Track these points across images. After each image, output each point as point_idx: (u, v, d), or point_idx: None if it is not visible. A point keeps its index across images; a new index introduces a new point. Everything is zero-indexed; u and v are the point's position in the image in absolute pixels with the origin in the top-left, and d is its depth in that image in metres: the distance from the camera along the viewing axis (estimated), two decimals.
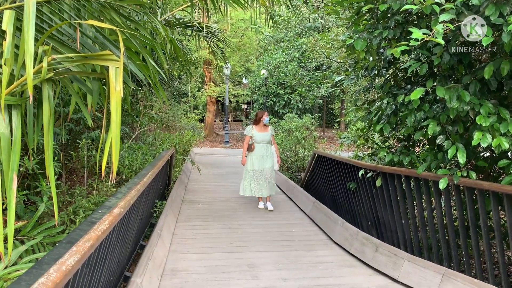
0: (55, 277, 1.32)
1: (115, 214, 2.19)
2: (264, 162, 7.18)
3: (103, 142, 2.96)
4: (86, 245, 1.64)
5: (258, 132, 7.15)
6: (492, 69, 2.91)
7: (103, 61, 2.12)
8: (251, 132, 7.19)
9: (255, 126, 7.18)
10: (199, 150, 17.23)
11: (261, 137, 7.16)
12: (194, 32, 8.25)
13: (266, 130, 7.22)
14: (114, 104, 2.15)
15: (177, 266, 4.44)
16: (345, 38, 3.84)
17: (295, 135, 11.73)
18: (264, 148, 7.18)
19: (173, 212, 6.34)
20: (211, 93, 23.26)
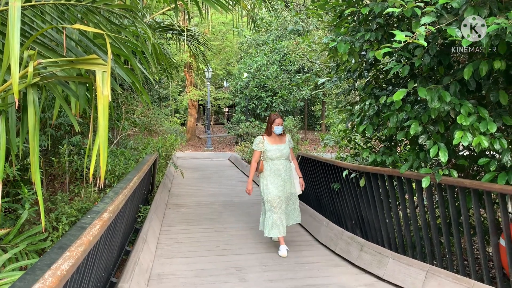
0: (51, 282, 1.31)
1: (105, 219, 2.17)
2: (285, 186, 5.12)
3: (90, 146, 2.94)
4: (79, 249, 1.63)
5: (272, 144, 5.10)
6: (471, 70, 3.00)
7: (90, 65, 2.11)
8: (261, 144, 5.12)
9: (267, 137, 5.14)
10: (182, 154, 17.15)
11: (277, 151, 5.09)
12: (174, 35, 8.23)
13: (282, 141, 5.19)
14: (101, 109, 2.14)
15: (164, 271, 4.42)
16: (328, 40, 3.90)
17: None
18: (282, 166, 5.11)
19: (157, 217, 6.30)
20: (193, 96, 23.17)
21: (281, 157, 5.09)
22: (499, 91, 3.16)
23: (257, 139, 5.18)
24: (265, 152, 5.08)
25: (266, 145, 5.07)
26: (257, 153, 5.12)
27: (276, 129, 5.06)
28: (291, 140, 5.37)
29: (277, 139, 5.15)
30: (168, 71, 9.44)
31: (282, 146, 5.11)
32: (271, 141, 5.11)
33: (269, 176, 5.07)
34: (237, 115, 22.03)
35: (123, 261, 4.39)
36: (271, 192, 4.99)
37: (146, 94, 3.16)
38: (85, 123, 7.00)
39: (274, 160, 5.07)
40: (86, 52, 2.67)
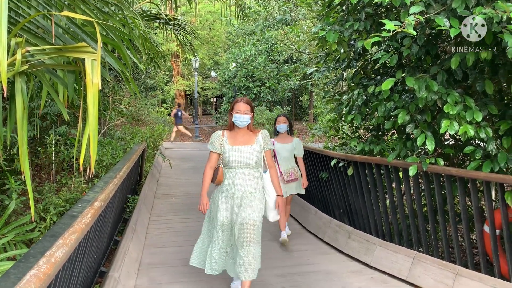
0: (46, 269, 1.31)
1: (96, 207, 2.17)
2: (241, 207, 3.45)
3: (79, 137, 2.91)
4: (72, 237, 1.63)
5: (232, 144, 3.44)
6: (458, 60, 3.05)
7: (79, 53, 2.09)
8: (218, 143, 3.47)
9: (228, 132, 3.51)
10: (169, 145, 17.06)
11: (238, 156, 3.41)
12: (161, 24, 8.15)
13: (250, 141, 3.47)
14: (91, 97, 2.12)
15: (153, 260, 4.43)
16: (317, 30, 3.91)
17: (266, 127, 11.80)
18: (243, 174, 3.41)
19: (146, 207, 6.29)
20: (180, 86, 23.03)
21: (244, 163, 3.35)
22: (485, 81, 3.21)
23: (214, 134, 3.48)
24: (223, 156, 3.39)
25: (224, 145, 3.39)
26: (213, 156, 3.40)
27: (237, 117, 3.32)
28: (268, 138, 3.48)
29: (241, 135, 3.42)
30: (155, 60, 9.37)
31: (248, 147, 3.36)
32: (231, 139, 3.41)
33: (223, 190, 3.42)
34: (225, 105, 21.98)
35: (112, 251, 4.38)
36: (220, 213, 3.38)
37: (134, 83, 3.14)
38: (71, 113, 6.92)
39: (235, 167, 3.37)
40: (74, 39, 2.63)
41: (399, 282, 3.90)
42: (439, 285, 3.60)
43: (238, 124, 3.36)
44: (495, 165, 3.19)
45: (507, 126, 3.19)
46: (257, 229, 3.33)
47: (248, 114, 3.36)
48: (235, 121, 3.36)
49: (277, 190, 3.51)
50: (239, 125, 3.36)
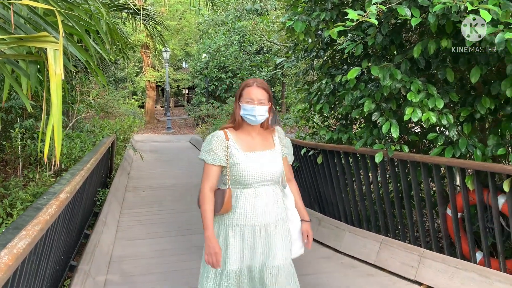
0: (7, 260, 1.29)
1: (62, 199, 2.15)
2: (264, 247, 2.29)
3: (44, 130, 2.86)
4: (35, 228, 1.61)
5: (246, 150, 2.26)
6: (421, 49, 3.13)
7: (41, 43, 2.04)
8: (220, 149, 2.24)
9: (232, 131, 2.30)
10: (141, 137, 16.85)
11: (257, 167, 2.25)
12: (130, 14, 8.00)
13: (267, 142, 2.37)
14: (54, 88, 2.08)
15: (125, 253, 4.41)
16: (285, 20, 3.93)
17: None
18: (268, 199, 2.30)
19: (117, 200, 6.23)
20: (150, 78, 22.67)
21: (268, 178, 2.27)
22: (447, 69, 3.32)
23: (211, 137, 2.27)
24: (232, 169, 2.23)
25: (233, 152, 2.23)
26: (213, 171, 2.24)
27: (249, 109, 2.20)
28: (285, 137, 2.51)
29: (255, 136, 2.32)
30: (124, 51, 9.20)
31: (268, 153, 2.31)
32: (242, 142, 2.27)
33: (237, 223, 2.25)
34: (197, 96, 21.81)
35: (83, 245, 4.33)
36: (232, 261, 2.25)
37: (101, 74, 3.09)
38: (37, 106, 6.75)
39: (253, 186, 2.26)
40: (36, 30, 2.57)
41: (368, 266, 4.02)
42: (405, 267, 3.74)
43: (250, 121, 2.20)
44: (457, 150, 3.31)
45: (467, 112, 3.32)
46: (293, 275, 2.34)
47: (265, 105, 2.20)
48: (245, 116, 2.20)
49: (303, 214, 2.48)
50: (251, 122, 2.20)
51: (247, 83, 2.27)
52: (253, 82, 2.26)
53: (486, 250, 3.34)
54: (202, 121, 17.76)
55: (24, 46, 2.17)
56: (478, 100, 3.22)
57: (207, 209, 2.20)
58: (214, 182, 2.24)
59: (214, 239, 2.19)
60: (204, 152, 2.24)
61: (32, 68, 2.36)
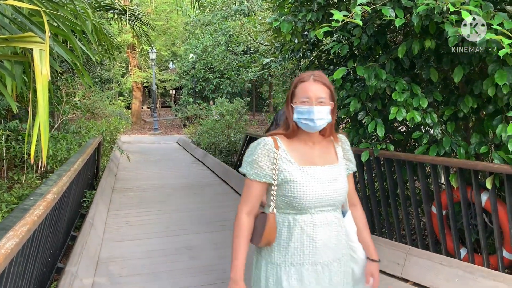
0: None
1: (49, 200, 2.14)
2: None
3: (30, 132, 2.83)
4: (23, 229, 1.60)
5: (302, 164, 1.70)
6: (405, 49, 3.19)
7: (27, 43, 2.03)
8: (266, 161, 1.70)
9: (283, 139, 1.74)
10: (127, 138, 16.74)
11: (318, 186, 1.68)
12: (116, 15, 7.96)
13: (328, 154, 1.79)
14: (40, 88, 2.08)
15: (113, 254, 4.38)
16: (271, 20, 3.96)
17: (226, 119, 11.80)
18: (330, 228, 1.73)
19: (104, 202, 6.18)
20: (137, 78, 22.53)
21: (330, 201, 1.71)
22: (430, 69, 3.38)
23: (256, 145, 1.74)
24: (282, 187, 1.69)
25: (284, 166, 1.69)
26: (255, 190, 1.72)
27: (306, 112, 1.65)
28: (350, 149, 1.91)
29: (313, 146, 1.76)
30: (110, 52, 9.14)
31: (330, 169, 1.75)
32: (297, 153, 1.74)
33: (292, 261, 1.70)
34: (184, 97, 21.74)
35: (70, 247, 4.30)
36: None
37: (87, 75, 3.07)
38: (22, 107, 6.67)
39: (311, 211, 1.70)
40: (21, 30, 2.55)
41: None
42: (391, 264, 3.79)
43: (307, 127, 1.67)
44: (441, 148, 3.37)
45: (451, 111, 3.38)
46: None
47: (326, 105, 1.66)
48: (299, 121, 1.67)
49: (371, 251, 1.90)
50: (309, 128, 1.67)
51: (301, 78, 1.69)
52: (309, 75, 1.68)
53: (470, 246, 3.41)
54: (190, 122, 17.70)
55: (9, 46, 2.15)
56: (461, 99, 3.28)
57: (239, 239, 1.66)
58: (255, 204, 1.69)
59: (241, 282, 1.67)
60: (246, 163, 1.72)
61: (17, 69, 2.35)
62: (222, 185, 8.12)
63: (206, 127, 12.47)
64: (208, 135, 12.04)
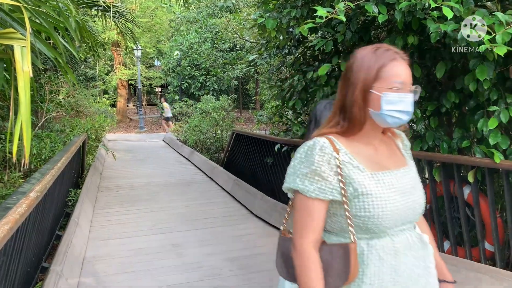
0: None
1: (32, 198, 2.11)
2: None
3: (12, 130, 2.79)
4: (5, 228, 1.58)
5: (375, 169, 1.28)
6: None
7: (7, 40, 2.01)
8: (326, 168, 1.24)
9: (343, 138, 1.31)
10: (113, 136, 16.59)
11: (399, 197, 1.26)
12: (100, 12, 7.88)
13: (395, 156, 1.38)
14: (22, 85, 2.05)
15: (99, 253, 4.35)
16: (257, 17, 3.96)
17: (212, 116, 11.78)
18: (415, 254, 1.30)
19: (89, 200, 6.13)
20: (122, 76, 22.31)
21: (411, 216, 1.30)
22: (414, 65, 3.41)
23: (309, 150, 1.27)
24: (356, 205, 1.23)
25: (351, 174, 1.25)
26: (319, 211, 1.25)
27: (400, 101, 1.23)
28: (409, 143, 1.50)
29: (378, 146, 1.35)
30: (94, 49, 9.03)
31: (405, 172, 1.34)
32: (362, 157, 1.29)
33: None
34: (170, 94, 21.62)
35: (55, 246, 4.26)
36: None
37: (71, 72, 3.04)
38: (4, 106, 6.56)
39: (390, 233, 1.26)
40: (2, 26, 2.51)
41: None
42: None
43: (393, 122, 1.27)
44: (424, 143, 3.42)
45: (434, 107, 3.43)
46: None
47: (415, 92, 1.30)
48: (388, 115, 1.25)
49: (444, 271, 1.48)
50: (395, 123, 1.28)
51: (391, 55, 1.26)
52: (397, 54, 1.27)
53: (453, 239, 3.47)
54: (176, 120, 17.61)
55: None
56: (444, 94, 3.33)
57: (313, 282, 1.21)
58: (320, 231, 1.25)
59: None
60: (300, 177, 1.25)
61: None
62: (209, 182, 8.11)
63: (192, 124, 12.43)
64: (194, 133, 12.01)
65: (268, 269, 3.88)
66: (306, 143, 1.29)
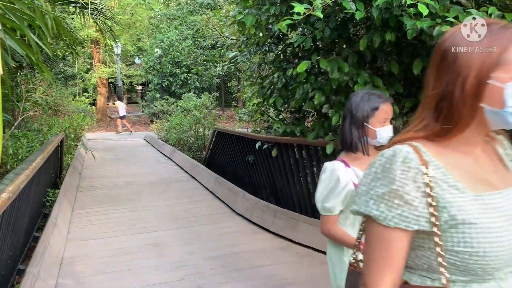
0: None
1: (3, 199, 2.05)
2: None
3: None
4: None
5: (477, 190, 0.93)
6: (366, 42, 3.24)
7: None
8: (414, 191, 0.89)
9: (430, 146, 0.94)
10: (93, 135, 16.34)
11: None
12: (78, 9, 7.74)
13: (503, 168, 1.04)
14: None
15: (77, 254, 4.28)
16: (235, 14, 3.94)
17: (194, 114, 11.71)
18: None
19: (68, 200, 6.02)
20: (102, 74, 21.99)
21: None
22: (391, 62, 3.45)
23: (382, 161, 0.94)
24: (453, 238, 0.89)
25: (446, 196, 0.90)
26: (399, 245, 0.92)
27: None
28: None
29: (476, 154, 0.98)
30: (72, 47, 8.87)
31: None
32: (460, 171, 0.94)
33: None
34: (151, 92, 21.41)
35: (32, 248, 4.17)
36: None
37: (47, 70, 2.98)
38: None
39: (497, 276, 0.92)
40: None
41: (322, 255, 4.11)
42: None
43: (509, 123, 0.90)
44: None
45: (411, 103, 3.47)
46: None
47: None
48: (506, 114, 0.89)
49: None
50: None
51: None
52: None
53: None
54: (157, 118, 17.45)
55: None
56: (421, 91, 3.36)
57: None
58: (401, 270, 0.95)
59: None
60: (372, 198, 0.94)
61: None
62: (191, 181, 8.06)
63: (173, 123, 12.32)
64: (176, 131, 11.92)
65: (250, 267, 3.87)
66: (383, 152, 0.95)
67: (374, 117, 1.74)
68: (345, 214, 1.84)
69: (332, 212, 1.79)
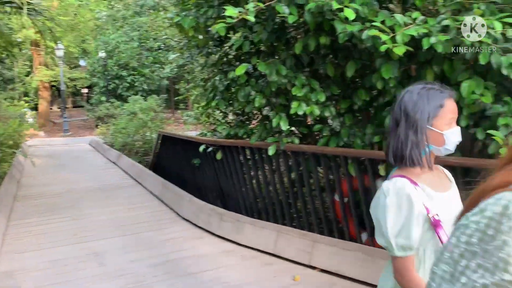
0: None
1: None
2: None
3: None
4: None
5: None
6: (302, 45, 3.31)
7: None
8: None
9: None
10: (34, 142, 15.58)
11: None
12: (13, 9, 7.38)
13: None
14: None
15: (12, 268, 4.06)
16: (173, 15, 3.89)
17: (140, 117, 11.44)
18: None
19: (3, 211, 5.69)
20: (43, 77, 21.01)
21: None
22: (327, 64, 3.54)
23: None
24: None
25: None
26: None
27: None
28: None
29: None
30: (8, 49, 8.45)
31: None
32: None
33: None
34: (97, 96, 20.73)
35: None
36: None
37: None
38: None
39: None
40: None
41: (267, 256, 4.14)
42: (300, 253, 3.92)
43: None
44: (340, 140, 3.55)
45: (347, 104, 3.57)
46: None
47: None
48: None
49: None
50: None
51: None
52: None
53: (370, 230, 3.63)
54: (102, 122, 16.89)
55: None
56: (356, 92, 3.48)
57: None
58: None
59: None
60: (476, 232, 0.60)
61: None
62: (136, 186, 7.86)
63: (119, 126, 11.98)
64: (121, 135, 11.59)
65: (194, 272, 3.83)
66: (482, 208, 0.62)
67: (438, 117, 1.36)
68: None
69: (411, 249, 1.32)
